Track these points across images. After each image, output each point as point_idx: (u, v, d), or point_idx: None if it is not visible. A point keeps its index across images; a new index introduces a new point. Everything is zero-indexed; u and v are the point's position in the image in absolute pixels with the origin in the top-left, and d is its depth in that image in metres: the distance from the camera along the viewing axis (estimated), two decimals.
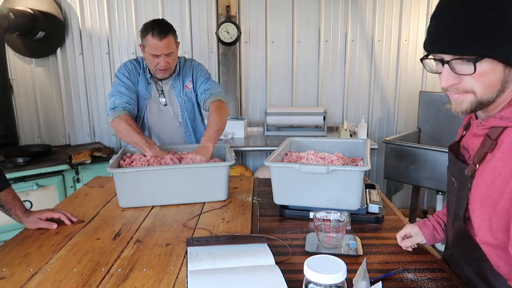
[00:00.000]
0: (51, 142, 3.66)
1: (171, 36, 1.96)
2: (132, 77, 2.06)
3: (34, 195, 2.81)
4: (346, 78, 3.78)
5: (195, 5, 3.58)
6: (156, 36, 1.90)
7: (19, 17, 3.12)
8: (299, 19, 3.65)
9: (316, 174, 1.44)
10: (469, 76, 0.84)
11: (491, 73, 0.83)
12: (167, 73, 2.05)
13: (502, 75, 0.83)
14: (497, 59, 0.81)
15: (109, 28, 3.58)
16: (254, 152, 3.79)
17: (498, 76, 0.83)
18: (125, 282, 1.09)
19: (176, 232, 1.42)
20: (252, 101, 3.82)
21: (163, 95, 2.12)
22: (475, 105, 0.88)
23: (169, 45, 1.95)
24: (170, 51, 1.96)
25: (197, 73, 2.14)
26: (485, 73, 0.83)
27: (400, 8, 3.67)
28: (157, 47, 1.92)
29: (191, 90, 2.15)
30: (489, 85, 0.84)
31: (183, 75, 2.13)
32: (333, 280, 0.77)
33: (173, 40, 1.98)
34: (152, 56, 1.96)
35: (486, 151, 0.90)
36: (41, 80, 3.62)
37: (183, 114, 2.16)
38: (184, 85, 2.14)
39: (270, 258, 1.16)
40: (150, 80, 2.09)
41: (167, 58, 1.97)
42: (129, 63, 2.10)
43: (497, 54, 0.81)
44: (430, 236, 1.22)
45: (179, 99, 2.13)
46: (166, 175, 1.63)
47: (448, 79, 0.86)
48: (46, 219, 1.46)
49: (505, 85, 0.85)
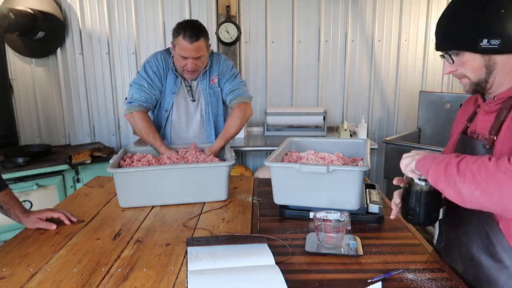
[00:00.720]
0: (51, 142, 3.66)
1: (202, 39, 1.93)
2: (160, 70, 2.05)
3: (34, 195, 2.81)
4: (346, 78, 3.78)
5: (195, 5, 3.58)
6: (187, 38, 1.88)
7: (19, 17, 3.12)
8: (299, 19, 3.65)
9: (316, 174, 1.44)
10: (459, 65, 1.06)
11: (472, 61, 1.04)
12: (195, 75, 2.04)
13: (482, 61, 1.03)
14: (470, 51, 1.03)
15: (109, 28, 3.58)
16: (254, 152, 3.79)
17: (479, 63, 1.03)
18: (125, 282, 1.09)
19: (176, 232, 1.42)
20: (252, 101, 3.81)
21: (191, 91, 2.11)
22: (473, 86, 1.08)
23: (200, 49, 1.93)
24: (200, 55, 1.94)
25: (223, 69, 2.13)
26: (467, 61, 1.05)
27: (400, 8, 3.66)
28: (187, 49, 1.90)
29: (217, 84, 2.13)
30: (474, 70, 1.05)
31: (210, 70, 2.12)
32: None
33: (204, 44, 1.95)
34: (181, 58, 1.95)
35: (502, 120, 1.02)
36: (41, 80, 3.62)
37: (207, 108, 2.14)
38: (210, 79, 2.12)
39: (270, 258, 1.16)
40: (178, 74, 2.07)
41: (196, 61, 1.95)
42: (160, 55, 2.08)
43: (469, 47, 1.02)
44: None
45: (204, 93, 2.12)
46: (166, 175, 1.63)
47: (446, 68, 1.10)
48: (46, 219, 1.46)
49: (489, 68, 1.03)
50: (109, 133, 3.78)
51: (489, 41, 1.00)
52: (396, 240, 1.33)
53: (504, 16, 0.98)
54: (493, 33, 1.00)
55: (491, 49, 1.00)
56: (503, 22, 0.99)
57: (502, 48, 1.00)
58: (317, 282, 1.07)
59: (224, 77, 2.13)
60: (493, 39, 0.99)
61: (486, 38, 1.00)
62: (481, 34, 1.00)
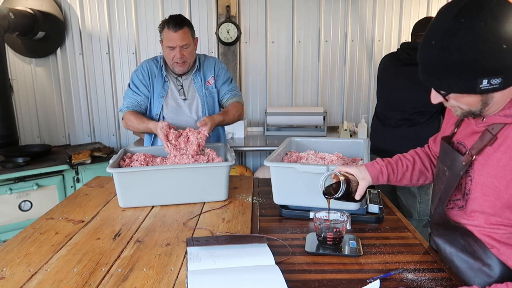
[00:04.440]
0: (51, 142, 3.66)
1: (186, 28, 2.01)
2: (145, 77, 2.14)
3: (34, 195, 2.81)
4: (346, 78, 3.78)
5: (195, 5, 3.58)
6: (172, 28, 1.98)
7: (19, 17, 3.12)
8: (299, 19, 3.65)
9: (316, 174, 1.44)
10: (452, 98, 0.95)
11: (467, 97, 0.93)
12: (185, 66, 2.09)
13: (480, 97, 0.92)
14: (469, 93, 0.91)
15: (109, 28, 3.58)
16: (254, 152, 3.79)
17: (475, 99, 0.93)
18: (125, 282, 1.09)
19: (176, 232, 1.42)
20: (252, 101, 3.82)
21: (183, 91, 2.17)
22: (465, 114, 0.99)
23: (184, 37, 2.00)
24: (185, 43, 2.01)
25: (219, 71, 2.21)
26: (461, 97, 0.94)
27: (400, 8, 3.67)
28: (172, 38, 1.99)
29: (213, 85, 2.20)
30: (469, 104, 0.95)
31: (204, 71, 2.18)
32: None
33: (189, 33, 2.03)
34: (169, 49, 2.02)
35: (485, 144, 0.98)
36: (41, 80, 3.62)
37: (204, 108, 2.19)
38: (206, 80, 2.19)
39: (270, 258, 1.16)
40: (166, 78, 2.14)
41: (182, 50, 2.02)
42: (145, 63, 2.18)
43: (466, 90, 0.90)
44: (375, 177, 1.30)
45: (200, 93, 2.17)
46: (166, 175, 1.63)
47: (435, 98, 0.98)
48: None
49: (486, 101, 0.93)
50: (109, 133, 3.78)
51: (490, 81, 0.87)
52: (396, 240, 1.33)
53: (506, 51, 0.85)
54: (494, 72, 0.87)
55: (491, 89, 0.89)
56: (505, 59, 0.85)
57: (504, 86, 0.89)
58: (317, 282, 1.07)
59: (220, 79, 2.21)
60: (494, 79, 0.87)
61: (486, 79, 0.87)
62: (481, 75, 0.87)
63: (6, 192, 2.69)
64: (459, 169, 1.03)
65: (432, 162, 1.35)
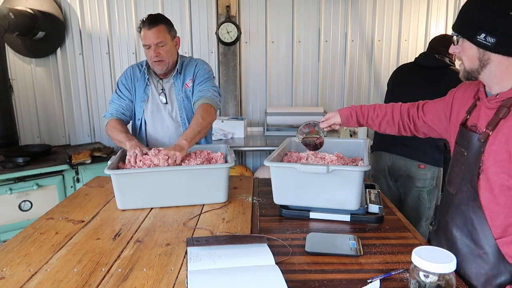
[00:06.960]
0: (51, 142, 3.66)
1: (162, 26, 1.97)
2: (128, 82, 2.12)
3: (34, 195, 2.81)
4: (346, 78, 3.78)
5: (195, 5, 3.58)
6: (146, 25, 1.95)
7: (19, 17, 3.12)
8: (299, 19, 3.65)
9: (316, 174, 1.44)
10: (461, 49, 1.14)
11: (469, 49, 1.11)
12: (163, 65, 2.02)
13: (477, 52, 1.09)
14: (467, 39, 1.10)
15: (109, 28, 3.58)
16: (254, 152, 3.79)
17: (473, 53, 1.10)
18: (125, 282, 1.09)
19: (176, 232, 1.42)
20: (252, 101, 3.82)
21: (164, 94, 2.12)
22: (465, 73, 1.15)
23: (159, 35, 1.95)
24: (160, 41, 1.96)
25: (198, 72, 2.11)
26: (465, 48, 1.12)
27: (400, 8, 3.67)
28: (146, 36, 1.96)
29: (191, 88, 2.12)
30: (469, 58, 1.12)
31: (185, 73, 2.12)
32: (443, 270, 0.86)
33: (165, 31, 1.98)
34: (146, 48, 1.99)
35: (500, 117, 1.07)
36: (41, 80, 3.62)
37: (182, 112, 2.13)
38: (185, 83, 2.12)
39: (270, 258, 1.16)
40: (148, 82, 2.10)
41: (158, 48, 1.97)
42: (130, 68, 2.16)
43: (467, 36, 1.10)
44: (345, 118, 1.62)
45: (178, 97, 2.11)
46: (165, 177, 1.62)
47: (451, 47, 1.17)
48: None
49: (483, 62, 1.09)
50: None
51: (486, 37, 1.05)
52: (396, 240, 1.33)
53: (509, 18, 1.01)
54: (492, 31, 1.04)
55: (485, 45, 1.06)
56: (506, 24, 1.02)
57: (496, 48, 1.05)
58: (317, 282, 1.07)
59: (196, 80, 2.11)
60: (490, 37, 1.04)
61: (484, 33, 1.05)
62: (481, 28, 1.05)
63: (6, 192, 2.69)
64: (478, 147, 1.10)
65: (402, 119, 1.54)
